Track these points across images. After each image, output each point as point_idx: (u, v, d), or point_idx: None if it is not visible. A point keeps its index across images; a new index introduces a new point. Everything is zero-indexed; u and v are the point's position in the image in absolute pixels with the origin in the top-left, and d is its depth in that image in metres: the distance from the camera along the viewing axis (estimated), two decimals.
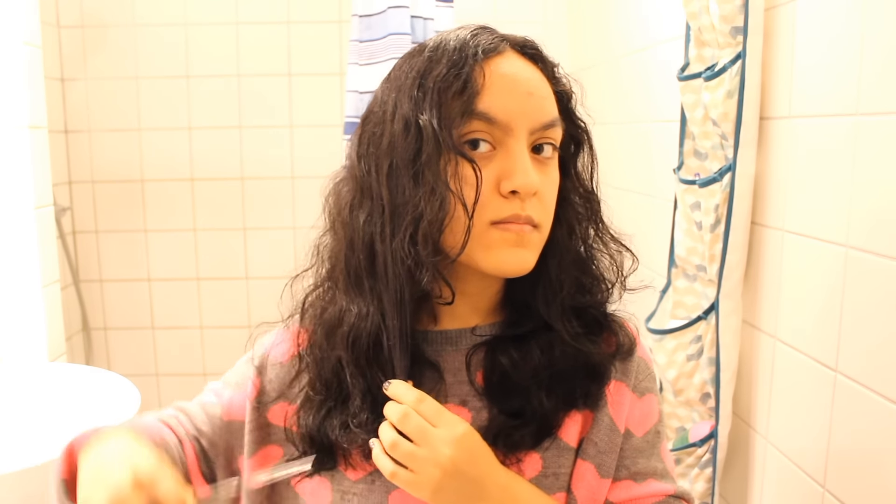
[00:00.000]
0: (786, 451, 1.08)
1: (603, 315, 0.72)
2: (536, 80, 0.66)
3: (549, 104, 0.66)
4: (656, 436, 0.72)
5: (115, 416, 1.22)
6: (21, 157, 1.47)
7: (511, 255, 0.63)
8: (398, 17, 1.56)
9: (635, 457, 0.70)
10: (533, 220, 0.63)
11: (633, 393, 0.71)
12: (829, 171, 0.96)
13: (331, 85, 2.23)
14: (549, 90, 0.67)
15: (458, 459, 0.60)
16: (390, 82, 0.68)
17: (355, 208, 0.69)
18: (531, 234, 0.64)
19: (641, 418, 0.71)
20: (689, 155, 1.24)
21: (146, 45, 2.20)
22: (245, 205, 2.29)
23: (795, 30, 1.03)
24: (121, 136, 2.23)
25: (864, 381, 0.89)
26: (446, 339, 0.70)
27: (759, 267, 1.14)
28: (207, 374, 2.35)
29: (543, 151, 0.65)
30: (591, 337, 0.70)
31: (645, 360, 0.74)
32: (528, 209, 0.63)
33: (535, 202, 0.64)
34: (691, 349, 1.23)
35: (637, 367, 0.72)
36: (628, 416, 0.70)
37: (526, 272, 0.65)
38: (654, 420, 0.72)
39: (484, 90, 0.63)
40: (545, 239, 0.66)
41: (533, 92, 0.64)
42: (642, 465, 0.70)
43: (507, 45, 0.66)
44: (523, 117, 0.63)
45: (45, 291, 1.52)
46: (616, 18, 1.84)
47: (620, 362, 0.71)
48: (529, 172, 0.62)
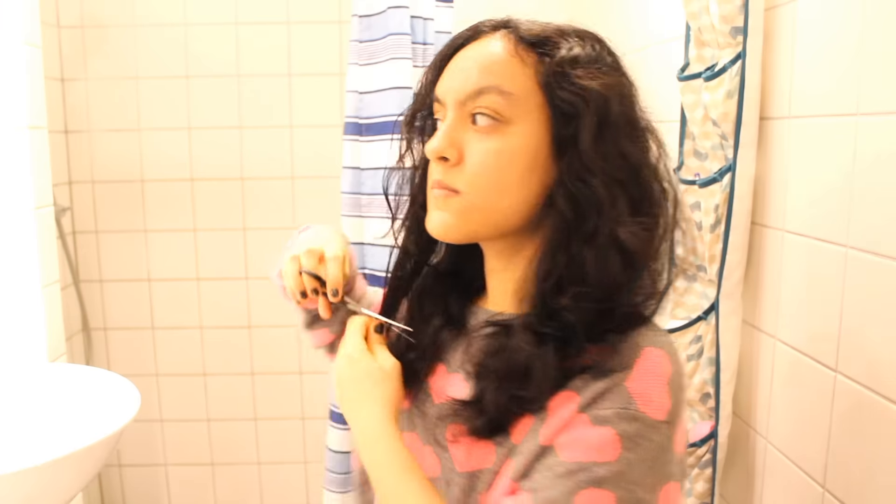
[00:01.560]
0: (786, 451, 1.08)
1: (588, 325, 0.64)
2: (483, 55, 0.68)
3: (484, 75, 0.66)
4: (585, 473, 0.58)
5: (115, 416, 1.22)
6: (21, 157, 1.47)
7: (432, 216, 0.70)
8: (398, 17, 1.56)
9: (543, 473, 0.60)
10: (445, 184, 0.68)
11: (583, 413, 0.61)
12: (829, 171, 0.96)
13: (331, 85, 2.23)
14: (496, 62, 0.66)
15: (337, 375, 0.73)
16: None
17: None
18: (447, 198, 0.68)
19: (576, 443, 0.60)
20: (689, 155, 1.24)
21: (146, 45, 2.20)
22: (245, 205, 2.29)
23: (795, 30, 1.03)
24: (121, 136, 2.23)
25: (864, 381, 0.89)
26: (482, 315, 0.75)
27: (759, 267, 1.14)
28: (207, 374, 2.35)
29: (478, 122, 0.67)
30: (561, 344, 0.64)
31: (629, 394, 0.60)
32: (442, 174, 0.68)
33: (456, 169, 0.67)
34: (691, 349, 1.23)
35: (607, 392, 0.61)
36: (561, 432, 0.61)
37: (447, 235, 0.70)
38: (596, 458, 0.59)
39: (442, 75, 0.71)
40: (474, 206, 0.67)
41: (468, 66, 0.68)
42: (543, 485, 0.60)
43: (482, 31, 0.70)
44: (451, 90, 0.69)
45: (45, 291, 1.52)
46: (616, 18, 1.84)
47: (588, 376, 0.62)
48: (436, 139, 0.68)
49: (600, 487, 0.58)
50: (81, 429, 1.21)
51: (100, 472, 2.16)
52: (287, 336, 2.32)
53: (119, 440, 1.21)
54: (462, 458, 0.68)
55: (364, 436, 0.69)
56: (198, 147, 2.26)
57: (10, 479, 1.02)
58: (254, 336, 2.35)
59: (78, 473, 1.15)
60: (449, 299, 0.78)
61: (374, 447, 0.68)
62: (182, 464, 2.40)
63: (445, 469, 0.70)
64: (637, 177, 0.66)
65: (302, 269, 0.78)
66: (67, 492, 1.16)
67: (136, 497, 2.43)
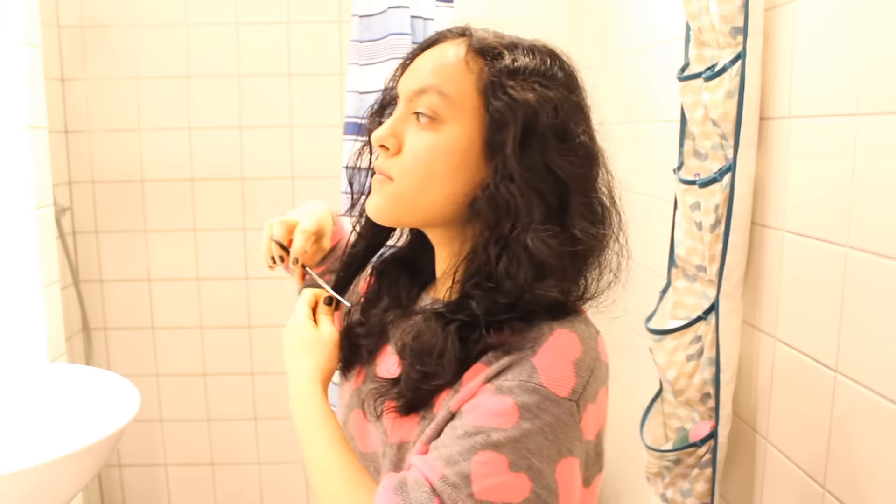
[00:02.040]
0: (786, 451, 1.08)
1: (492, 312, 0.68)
2: (436, 58, 0.73)
3: (429, 76, 0.72)
4: (482, 436, 0.61)
5: (115, 416, 1.22)
6: (21, 157, 1.47)
7: (369, 199, 0.77)
8: (398, 17, 1.56)
9: (445, 435, 0.64)
10: (382, 170, 0.74)
11: (488, 383, 0.65)
12: (829, 171, 0.96)
13: (331, 85, 2.23)
14: (448, 67, 0.72)
15: (283, 337, 0.82)
16: None
17: None
18: (381, 183, 0.75)
19: (479, 409, 0.64)
20: (689, 155, 1.24)
21: (146, 45, 2.20)
22: (245, 205, 2.29)
23: (795, 30, 1.03)
24: (121, 136, 2.23)
25: (864, 381, 0.89)
26: (423, 300, 0.82)
27: (759, 267, 1.14)
28: (207, 374, 2.35)
29: (420, 118, 0.72)
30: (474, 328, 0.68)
31: (534, 368, 0.64)
32: (381, 161, 0.75)
33: (395, 158, 0.73)
34: (691, 349, 1.23)
35: (513, 365, 0.65)
36: (466, 398, 0.66)
37: (375, 217, 0.76)
38: (494, 424, 0.62)
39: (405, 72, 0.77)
40: (402, 193, 0.73)
41: (421, 66, 0.74)
42: (443, 442, 0.64)
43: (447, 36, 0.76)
44: (402, 86, 0.76)
45: (45, 291, 1.52)
46: (616, 18, 1.84)
47: (497, 351, 0.67)
48: (380, 129, 0.74)
49: (495, 451, 0.61)
50: (81, 429, 1.22)
51: (100, 472, 2.16)
52: None
53: (119, 440, 1.21)
54: (391, 431, 0.74)
55: (294, 398, 0.76)
56: (198, 147, 2.26)
57: (10, 479, 1.02)
58: (254, 336, 2.35)
59: (78, 473, 1.15)
60: (400, 283, 0.84)
61: (299, 407, 0.75)
62: (182, 464, 2.40)
63: (380, 440, 0.76)
64: (560, 189, 0.69)
65: (272, 238, 0.92)
66: (67, 492, 1.16)
67: (136, 497, 2.43)
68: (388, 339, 0.81)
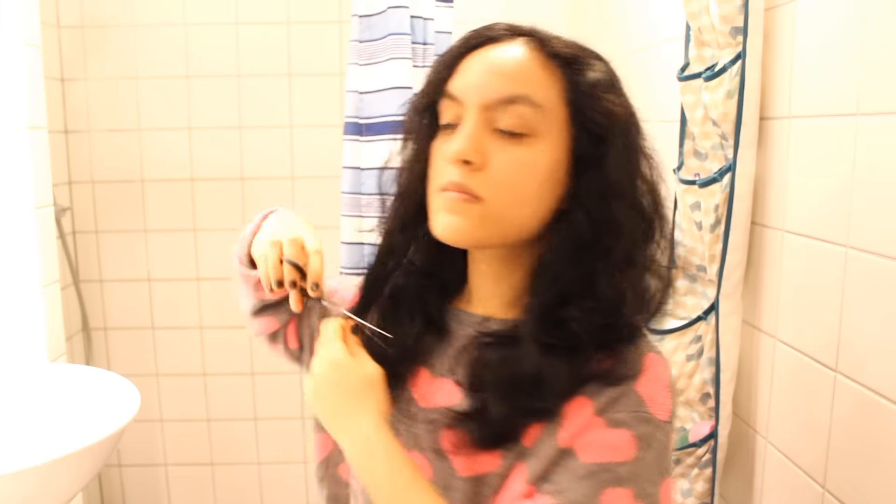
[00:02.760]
0: (786, 451, 1.08)
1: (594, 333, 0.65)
2: (510, 61, 0.66)
3: (512, 82, 0.66)
4: (606, 473, 0.61)
5: (115, 416, 1.22)
6: (21, 157, 1.47)
7: (443, 219, 0.67)
8: (398, 17, 1.56)
9: (566, 477, 0.62)
10: (466, 187, 0.65)
11: (599, 417, 0.63)
12: (829, 171, 0.96)
13: (331, 85, 2.23)
14: (526, 71, 0.66)
15: (318, 383, 0.69)
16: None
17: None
18: (465, 203, 0.66)
19: (596, 446, 0.62)
20: (689, 155, 1.24)
21: (146, 45, 2.20)
22: (245, 205, 2.29)
23: (795, 30, 1.03)
24: (121, 136, 2.23)
25: (864, 381, 0.89)
26: (466, 320, 0.75)
27: (759, 267, 1.14)
28: (207, 374, 2.35)
29: (504, 129, 0.66)
30: (569, 352, 0.65)
31: (640, 397, 0.64)
32: (464, 178, 0.65)
33: (480, 174, 0.65)
34: (691, 349, 1.23)
35: (621, 396, 0.64)
36: (578, 435, 0.63)
37: (460, 240, 0.68)
38: (615, 458, 0.62)
39: (456, 73, 0.68)
40: (491, 214, 0.66)
41: (494, 70, 0.67)
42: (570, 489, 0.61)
43: (507, 35, 0.69)
44: (475, 91, 0.66)
45: (45, 291, 1.52)
46: (616, 18, 1.84)
47: (600, 383, 0.64)
48: (461, 140, 0.65)
49: (620, 486, 0.61)
50: (81, 429, 1.21)
51: (100, 472, 2.16)
52: None
53: (119, 440, 1.21)
54: (464, 463, 0.68)
55: (359, 448, 0.66)
56: (198, 147, 2.25)
57: (10, 479, 1.02)
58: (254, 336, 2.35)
59: (78, 473, 1.15)
60: (427, 300, 0.76)
61: (372, 459, 0.65)
62: (182, 464, 2.40)
63: (441, 473, 0.69)
64: (653, 201, 0.69)
65: (284, 258, 0.74)
66: (67, 492, 1.16)
67: (136, 497, 2.43)
68: (422, 362, 0.74)
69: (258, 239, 0.81)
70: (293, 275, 0.73)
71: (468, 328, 0.74)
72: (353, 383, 0.68)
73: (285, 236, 0.75)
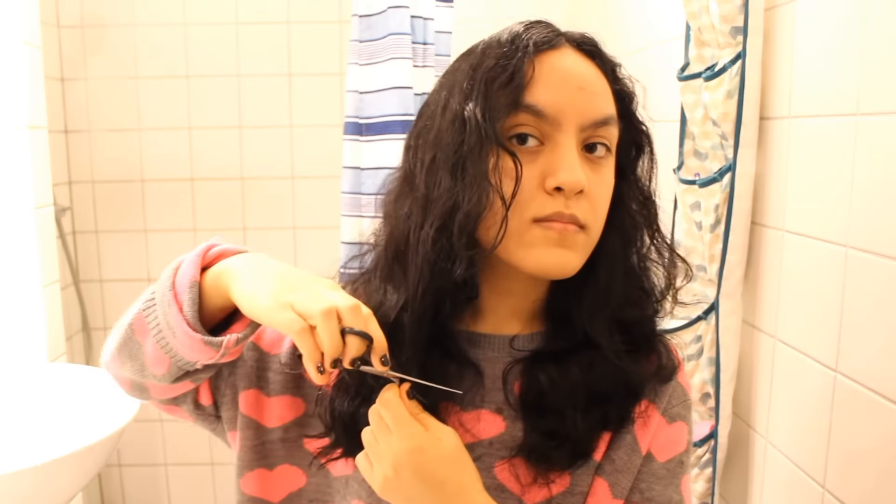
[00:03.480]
0: (786, 451, 1.08)
1: (651, 333, 0.70)
2: (591, 76, 0.64)
3: (604, 101, 0.63)
4: (679, 465, 0.69)
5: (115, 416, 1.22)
6: (21, 157, 1.47)
7: (552, 254, 0.61)
8: (398, 17, 1.55)
9: (652, 482, 0.67)
10: (578, 219, 0.61)
11: (662, 417, 0.69)
12: (829, 171, 0.96)
13: (331, 85, 2.23)
14: (605, 88, 0.64)
15: (400, 470, 0.59)
16: (445, 77, 0.68)
17: (399, 199, 0.67)
18: (576, 234, 0.61)
19: (667, 444, 0.69)
20: (689, 155, 1.24)
21: (146, 45, 2.20)
22: (245, 205, 2.29)
23: (795, 30, 1.03)
24: (121, 136, 2.23)
25: (864, 381, 0.89)
26: (488, 343, 0.69)
27: (759, 267, 1.14)
28: None
29: (596, 151, 0.63)
30: (633, 355, 0.67)
31: (683, 387, 0.71)
32: (573, 208, 0.60)
33: (583, 202, 0.61)
34: (691, 349, 1.23)
35: (673, 392, 0.70)
36: (653, 440, 0.68)
37: (568, 274, 0.62)
38: (680, 449, 0.69)
39: (533, 83, 0.61)
40: (594, 242, 0.64)
41: (585, 87, 0.62)
42: (658, 491, 0.68)
43: (562, 39, 0.65)
44: (573, 112, 0.61)
45: (45, 291, 1.52)
46: (616, 18, 1.84)
47: (656, 383, 0.69)
48: (575, 169, 0.60)
49: (687, 472, 0.70)
50: (81, 429, 1.21)
51: (100, 472, 2.16)
52: None
53: (119, 440, 1.21)
54: (531, 492, 0.65)
55: None
56: (198, 147, 2.25)
57: (10, 479, 1.02)
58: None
59: (78, 473, 1.15)
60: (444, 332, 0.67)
61: None
62: (182, 464, 2.40)
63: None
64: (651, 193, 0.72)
65: (347, 329, 0.56)
66: (67, 492, 1.16)
67: (136, 497, 2.42)
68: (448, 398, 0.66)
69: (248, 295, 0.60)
70: (358, 349, 0.56)
71: (492, 352, 0.69)
72: (445, 465, 0.60)
73: (338, 302, 0.56)
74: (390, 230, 0.68)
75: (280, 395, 0.72)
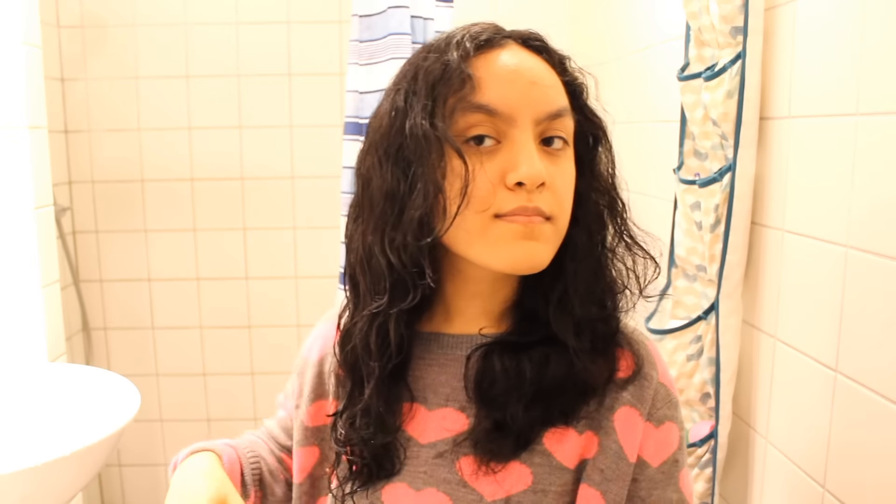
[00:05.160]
0: (786, 451, 1.08)
1: (613, 330, 0.69)
2: (541, 70, 0.64)
3: (555, 94, 0.64)
4: (674, 465, 0.68)
5: (115, 416, 1.22)
6: (21, 157, 1.47)
7: (521, 248, 0.61)
8: (398, 17, 1.55)
9: (650, 488, 0.67)
10: (542, 210, 0.61)
11: (647, 422, 0.67)
12: (829, 171, 0.96)
13: (331, 85, 2.23)
14: (555, 81, 0.65)
15: None
16: (393, 81, 0.68)
17: (354, 208, 0.69)
18: (542, 225, 0.62)
19: (658, 448, 0.67)
20: (689, 155, 1.24)
21: (146, 45, 2.20)
22: (245, 205, 2.29)
23: (795, 30, 1.03)
24: (121, 136, 2.23)
25: (864, 381, 0.89)
26: (457, 343, 0.70)
27: (759, 267, 1.14)
28: (207, 374, 2.35)
29: (553, 143, 0.64)
30: (592, 354, 0.66)
31: (666, 387, 0.69)
32: (535, 200, 0.61)
33: (547, 194, 0.62)
34: (691, 349, 1.23)
35: (655, 394, 0.68)
36: (642, 446, 0.67)
37: (539, 267, 0.63)
38: (673, 449, 0.68)
39: (483, 83, 0.61)
40: (562, 234, 0.64)
41: (536, 81, 0.63)
42: (657, 496, 0.67)
43: (506, 38, 0.65)
44: (526, 107, 0.62)
45: (45, 291, 1.52)
46: (616, 18, 1.84)
47: (634, 387, 0.67)
48: (535, 162, 0.60)
49: (683, 468, 0.69)
50: (81, 429, 1.21)
51: (100, 472, 2.16)
52: (287, 336, 2.32)
53: (119, 440, 1.21)
54: (491, 487, 0.65)
55: None
56: (198, 147, 2.25)
57: (10, 479, 1.02)
58: (254, 336, 2.35)
59: (78, 473, 1.15)
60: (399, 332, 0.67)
61: None
62: None
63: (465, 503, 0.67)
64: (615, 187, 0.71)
65: None
66: (67, 492, 1.16)
67: (136, 497, 2.42)
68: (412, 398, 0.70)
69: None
70: None
71: (460, 351, 0.70)
72: None
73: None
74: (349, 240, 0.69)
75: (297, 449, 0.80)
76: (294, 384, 0.83)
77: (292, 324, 2.33)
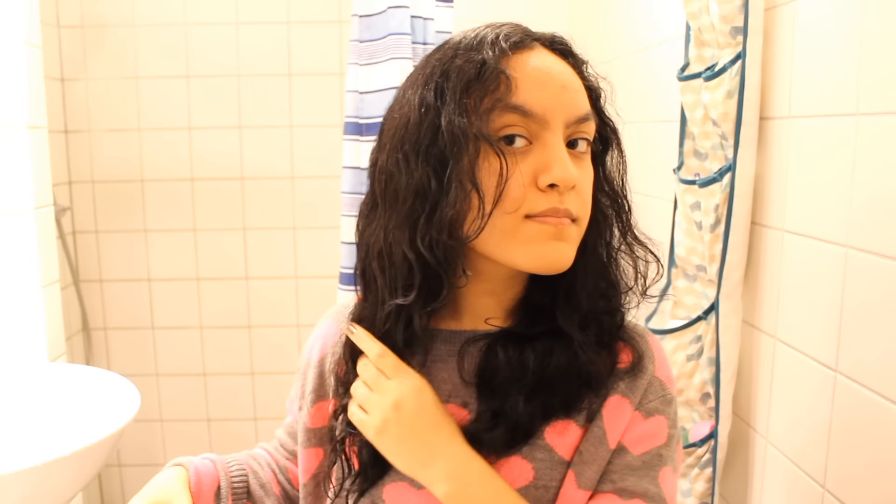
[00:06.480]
0: (786, 451, 1.08)
1: (617, 325, 0.70)
2: (569, 74, 0.66)
3: (582, 98, 0.66)
4: (657, 458, 0.67)
5: (115, 416, 1.22)
6: (21, 157, 1.47)
7: (551, 248, 0.62)
8: (398, 17, 1.55)
9: (625, 473, 0.66)
10: (571, 213, 0.63)
11: (636, 411, 0.67)
12: (829, 171, 0.96)
13: (331, 85, 2.23)
14: (580, 84, 0.66)
15: (401, 408, 0.64)
16: (412, 78, 0.68)
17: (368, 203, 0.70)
18: (570, 227, 0.63)
19: (643, 438, 0.67)
20: (689, 155, 1.24)
21: (146, 45, 2.20)
22: (245, 205, 2.29)
23: (795, 30, 1.03)
24: (121, 136, 2.23)
25: (864, 381, 0.89)
26: (462, 339, 0.70)
27: (759, 267, 1.14)
28: (207, 374, 2.35)
29: (578, 146, 0.65)
30: (599, 346, 0.68)
31: (661, 381, 0.69)
32: (566, 202, 0.62)
33: (574, 196, 0.63)
34: (691, 349, 1.23)
35: (648, 387, 0.68)
36: (626, 433, 0.67)
37: (566, 267, 0.64)
38: (659, 443, 0.67)
39: (517, 84, 0.62)
40: (582, 234, 0.66)
41: (566, 85, 0.64)
42: (631, 482, 0.66)
43: (534, 40, 0.67)
44: (559, 110, 0.63)
45: (45, 291, 1.52)
46: (616, 19, 1.84)
47: (629, 378, 0.68)
48: (568, 165, 0.62)
49: (666, 465, 0.68)
50: (81, 429, 1.21)
51: (100, 472, 2.16)
52: (287, 336, 2.32)
53: (119, 440, 1.21)
54: None
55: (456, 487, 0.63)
56: (198, 147, 2.25)
57: (10, 479, 1.02)
58: (254, 336, 2.35)
59: (78, 473, 1.15)
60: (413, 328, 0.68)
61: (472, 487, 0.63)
62: None
63: None
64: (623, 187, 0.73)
65: None
66: (67, 492, 1.16)
67: None
68: None
69: None
70: None
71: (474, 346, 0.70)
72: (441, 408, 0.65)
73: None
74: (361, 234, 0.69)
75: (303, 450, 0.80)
76: (297, 386, 0.82)
77: (292, 324, 2.33)
